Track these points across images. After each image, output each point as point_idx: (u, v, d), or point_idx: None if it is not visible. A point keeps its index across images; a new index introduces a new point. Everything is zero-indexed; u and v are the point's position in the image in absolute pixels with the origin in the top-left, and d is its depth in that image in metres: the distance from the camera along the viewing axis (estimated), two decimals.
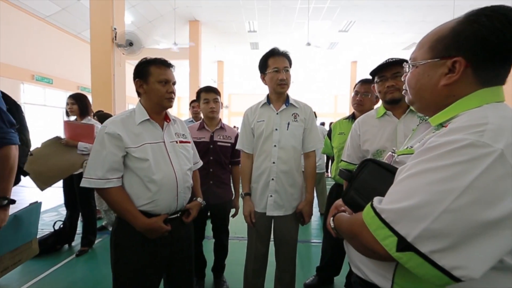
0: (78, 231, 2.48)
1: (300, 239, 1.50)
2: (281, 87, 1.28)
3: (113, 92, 4.31)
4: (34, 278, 1.91)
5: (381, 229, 0.42)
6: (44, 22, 7.58)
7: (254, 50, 10.96)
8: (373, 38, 9.43)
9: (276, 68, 1.26)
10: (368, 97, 1.62)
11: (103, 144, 0.90)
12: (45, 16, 7.52)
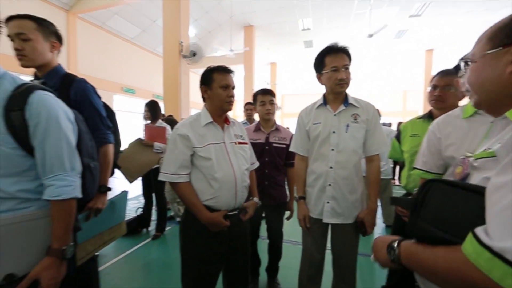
0: (152, 218, 2.94)
1: (361, 251, 1.39)
2: (340, 86, 1.19)
3: (179, 98, 4.93)
4: (122, 253, 2.37)
5: (510, 277, 0.32)
6: (129, 43, 9.28)
7: (308, 49, 10.69)
8: (457, 20, 7.88)
9: (334, 67, 1.17)
10: (451, 92, 1.31)
11: (176, 144, 1.05)
12: (130, 38, 9.20)
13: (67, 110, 0.81)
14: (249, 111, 3.13)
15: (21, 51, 1.00)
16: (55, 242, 0.73)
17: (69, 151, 0.78)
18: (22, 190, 0.72)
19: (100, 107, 1.19)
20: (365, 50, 10.41)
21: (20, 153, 0.71)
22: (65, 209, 0.74)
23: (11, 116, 0.69)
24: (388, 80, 14.97)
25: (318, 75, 1.29)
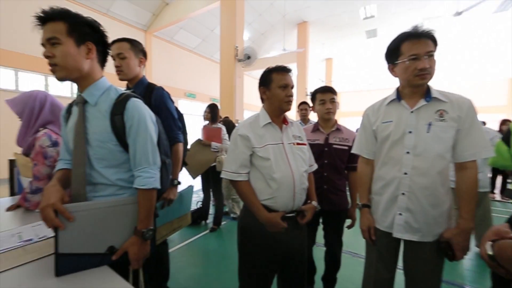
0: (210, 212, 3.22)
1: (446, 278, 1.17)
2: (420, 78, 0.99)
3: (234, 100, 5.25)
4: (185, 241, 2.69)
5: None
6: (191, 52, 10.38)
7: (371, 39, 9.76)
8: None
9: (414, 55, 0.98)
10: None
11: (236, 144, 1.12)
12: (192, 48, 10.28)
13: (151, 114, 0.99)
14: (303, 111, 3.06)
15: (119, 68, 1.28)
16: (139, 224, 0.86)
17: (152, 148, 0.91)
18: (120, 179, 0.90)
19: (173, 110, 1.40)
20: (449, 33, 8.77)
21: (119, 149, 0.89)
22: (148, 197, 0.88)
23: (115, 119, 0.86)
24: (484, 67, 12.01)
25: (390, 66, 1.11)
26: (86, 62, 0.85)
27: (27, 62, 5.85)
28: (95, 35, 0.87)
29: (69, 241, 0.75)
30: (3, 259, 0.83)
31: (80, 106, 0.89)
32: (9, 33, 5.59)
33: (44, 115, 1.36)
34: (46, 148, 1.28)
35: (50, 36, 0.79)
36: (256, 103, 14.47)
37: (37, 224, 1.14)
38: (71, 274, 0.75)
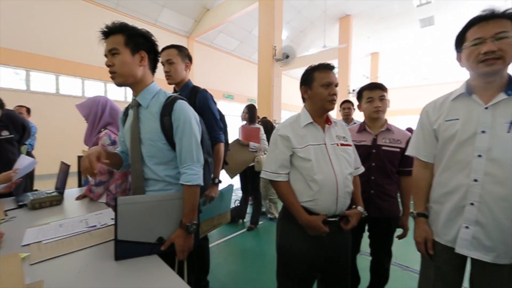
0: (247, 211, 3.28)
1: None
2: (486, 64, 0.84)
3: (272, 101, 5.27)
4: (223, 238, 2.79)
5: None
6: (229, 55, 10.77)
7: (426, 28, 8.77)
8: None
9: (478, 39, 0.85)
10: None
11: (276, 144, 1.11)
12: (230, 50, 10.66)
13: (195, 115, 1.06)
14: (346, 111, 2.90)
15: (168, 73, 1.40)
16: (184, 218, 0.93)
17: (196, 147, 0.97)
18: (168, 175, 0.99)
19: (216, 111, 1.47)
20: None
21: (168, 147, 0.97)
22: (192, 193, 0.94)
23: (163, 119, 0.95)
24: None
25: (458, 56, 0.98)
26: (139, 69, 0.95)
27: (91, 72, 6.82)
28: (147, 44, 0.97)
29: (126, 229, 0.84)
30: (74, 241, 0.97)
31: (134, 109, 0.99)
32: (77, 47, 6.60)
33: (105, 117, 1.56)
34: (106, 146, 1.47)
35: (111, 47, 0.91)
36: (293, 103, 14.29)
37: (99, 212, 1.31)
38: (127, 259, 0.83)
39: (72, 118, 6.22)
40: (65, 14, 6.37)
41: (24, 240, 0.97)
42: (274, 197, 3.32)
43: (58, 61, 6.31)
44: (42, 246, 0.92)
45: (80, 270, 0.77)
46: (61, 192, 1.58)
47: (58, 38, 6.30)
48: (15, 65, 5.76)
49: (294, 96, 14.11)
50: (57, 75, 6.49)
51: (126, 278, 0.74)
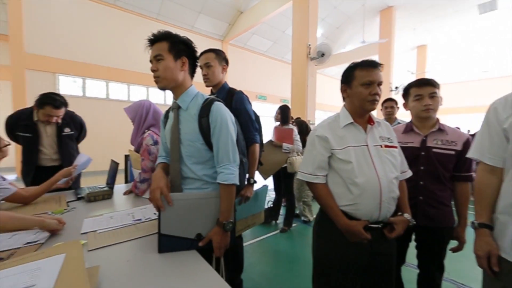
0: (280, 213, 3.26)
1: None
2: None
3: (306, 101, 5.15)
4: (256, 238, 2.81)
5: None
6: (262, 56, 10.86)
7: (486, 14, 7.72)
8: None
9: None
10: None
11: (314, 145, 1.09)
12: (263, 51, 10.75)
13: (231, 116, 1.09)
14: (388, 110, 2.69)
15: (206, 76, 1.47)
16: (221, 216, 0.95)
17: (232, 147, 1.00)
18: (205, 175, 1.04)
19: (251, 112, 1.50)
20: None
21: (205, 147, 1.01)
22: (228, 192, 0.96)
23: (201, 121, 0.99)
24: None
25: None
26: (180, 73, 1.01)
27: (135, 77, 7.51)
28: (188, 51, 1.03)
29: (168, 224, 0.89)
30: (123, 232, 1.06)
31: (175, 111, 1.06)
32: (123, 55, 7.32)
33: (149, 120, 1.70)
34: (150, 146, 1.59)
35: (156, 53, 0.98)
36: (329, 102, 13.82)
37: (144, 207, 1.42)
38: (169, 253, 0.88)
39: (120, 120, 6.93)
40: (113, 26, 7.13)
41: (82, 228, 1.10)
42: (308, 199, 3.24)
43: (108, 69, 7.09)
44: (97, 235, 1.03)
45: (129, 259, 0.84)
46: (111, 187, 1.76)
47: (108, 48, 7.08)
48: (74, 74, 6.63)
49: (329, 96, 13.65)
50: (107, 82, 7.29)
51: (169, 270, 0.79)
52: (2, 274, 0.56)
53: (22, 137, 1.95)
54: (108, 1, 6.93)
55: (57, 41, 6.27)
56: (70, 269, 0.58)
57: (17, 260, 0.62)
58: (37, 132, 1.98)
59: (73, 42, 6.50)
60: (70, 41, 6.45)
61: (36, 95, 1.98)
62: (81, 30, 6.61)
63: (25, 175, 2.02)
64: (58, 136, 2.08)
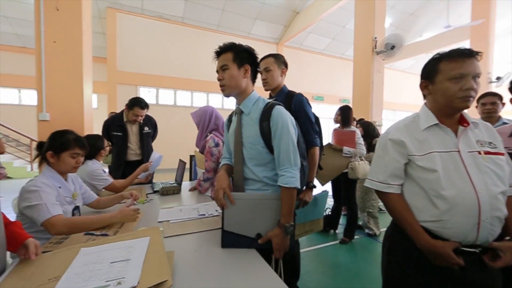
0: (340, 222, 3.07)
1: None
2: None
3: (371, 99, 4.73)
4: (313, 246, 2.72)
5: None
6: (319, 54, 10.54)
7: None
8: None
9: None
10: None
11: (386, 150, 0.97)
12: (320, 50, 10.42)
13: (292, 119, 1.11)
14: (488, 107, 2.09)
15: (265, 80, 1.53)
16: (282, 218, 0.97)
17: (293, 150, 1.01)
18: (266, 177, 1.09)
19: (311, 115, 1.48)
20: None
21: (266, 150, 1.05)
22: (289, 195, 0.97)
23: (263, 125, 1.04)
24: None
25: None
26: (244, 80, 1.09)
27: (198, 85, 8.37)
28: (250, 58, 1.10)
29: (230, 222, 0.96)
30: (190, 225, 1.20)
31: (238, 115, 1.14)
32: (188, 65, 8.23)
33: (211, 125, 1.89)
34: (212, 148, 1.75)
35: (222, 64, 1.08)
36: (398, 100, 12.36)
37: (206, 204, 1.56)
38: (231, 248, 0.95)
39: (185, 124, 7.82)
40: (180, 41, 8.15)
41: (159, 217, 1.29)
42: (373, 210, 2.95)
43: (176, 79, 8.13)
44: (170, 225, 1.19)
45: (196, 249, 0.94)
46: (179, 184, 2.00)
47: (176, 61, 8.13)
48: (150, 85, 7.84)
49: (400, 93, 12.21)
50: (175, 90, 8.35)
51: (230, 264, 0.85)
52: (108, 247, 0.72)
53: (115, 135, 2.46)
54: (177, 20, 7.97)
55: (138, 59, 7.61)
56: (154, 250, 0.70)
57: (117, 238, 0.78)
58: (126, 131, 2.49)
59: (149, 59, 7.75)
60: (147, 58, 7.72)
61: (124, 104, 2.45)
62: (155, 48, 7.82)
63: (115, 168, 2.50)
64: (140, 133, 2.57)
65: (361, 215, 3.03)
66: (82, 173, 1.64)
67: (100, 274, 0.58)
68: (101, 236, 1.05)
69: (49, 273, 0.62)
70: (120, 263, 0.62)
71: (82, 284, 0.55)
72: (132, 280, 0.54)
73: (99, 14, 7.26)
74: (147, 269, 0.59)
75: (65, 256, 0.70)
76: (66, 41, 3.13)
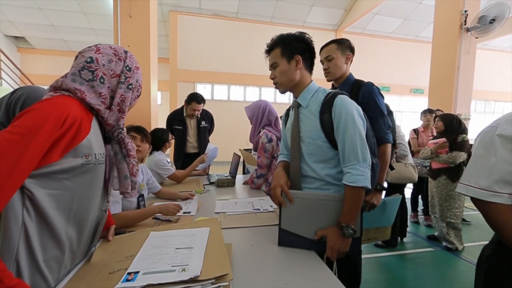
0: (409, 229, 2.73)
1: None
2: None
3: (455, 88, 3.99)
4: (373, 253, 2.48)
5: None
6: (386, 38, 9.47)
7: None
8: None
9: None
10: None
11: (492, 148, 0.78)
12: (387, 33, 9.34)
13: (359, 109, 0.98)
14: None
15: (327, 70, 1.41)
16: (341, 217, 0.90)
17: (361, 143, 0.92)
18: (328, 175, 1.00)
19: (383, 107, 1.32)
20: None
21: (327, 145, 0.98)
22: (355, 195, 0.89)
23: (323, 117, 0.97)
24: None
25: None
26: (296, 73, 1.03)
27: (250, 79, 8.59)
28: (301, 46, 1.02)
29: (288, 220, 0.93)
30: (246, 218, 1.22)
31: (295, 109, 1.08)
32: (241, 60, 8.48)
33: (264, 120, 1.88)
34: (265, 144, 1.75)
35: (272, 62, 1.05)
36: (491, 87, 10.25)
37: (260, 198, 1.57)
38: (288, 248, 0.92)
39: (238, 118, 8.13)
40: (233, 36, 8.44)
41: (216, 208, 1.36)
42: (456, 220, 2.51)
43: (229, 74, 8.49)
44: (227, 216, 1.23)
45: (252, 244, 0.95)
46: (234, 177, 2.07)
47: (230, 56, 8.47)
48: (205, 82, 8.39)
49: (493, 79, 10.09)
50: (229, 85, 8.73)
51: (287, 263, 0.82)
52: (173, 233, 0.78)
53: (176, 129, 2.72)
54: (231, 16, 8.26)
55: (195, 57, 8.20)
56: (214, 241, 0.72)
57: (179, 225, 0.84)
58: (185, 125, 2.73)
59: (205, 56, 8.28)
60: (203, 55, 8.26)
61: (182, 99, 2.67)
62: (211, 45, 8.30)
63: (176, 159, 2.78)
64: (197, 127, 2.79)
65: (436, 224, 2.62)
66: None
67: (167, 258, 0.63)
68: (165, 221, 1.18)
69: (126, 252, 0.71)
70: (184, 250, 0.67)
71: (152, 265, 0.60)
72: (195, 269, 0.56)
73: (163, 18, 8.08)
74: (208, 259, 0.62)
75: (138, 238, 0.79)
76: (137, 45, 3.59)
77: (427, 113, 3.22)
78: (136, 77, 0.76)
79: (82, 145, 0.60)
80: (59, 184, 0.57)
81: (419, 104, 9.35)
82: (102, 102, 0.67)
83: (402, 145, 2.43)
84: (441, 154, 2.45)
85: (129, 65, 0.73)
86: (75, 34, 8.59)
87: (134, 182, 0.77)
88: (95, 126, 0.67)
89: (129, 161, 0.75)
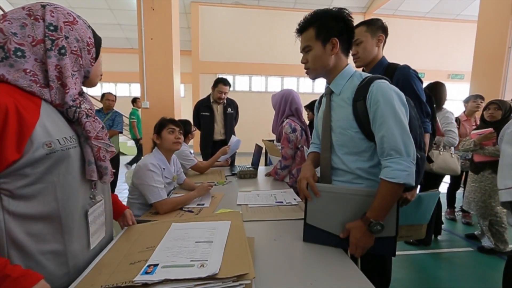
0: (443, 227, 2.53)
1: None
2: None
3: (503, 72, 3.55)
4: (404, 250, 2.31)
5: None
6: (420, 19, 8.70)
7: None
8: None
9: None
10: None
11: None
12: (423, 14, 8.57)
13: (401, 94, 0.87)
14: None
15: (356, 55, 1.30)
16: (369, 211, 0.80)
17: (403, 134, 0.81)
18: (359, 168, 0.90)
19: (422, 92, 1.19)
20: None
21: (360, 136, 0.89)
22: (391, 191, 0.79)
23: (357, 105, 0.87)
24: None
25: None
26: (331, 58, 0.92)
27: (272, 69, 8.43)
28: (338, 27, 0.90)
29: (313, 215, 0.88)
30: (268, 211, 1.18)
31: (327, 96, 0.99)
32: (262, 50, 8.30)
33: (287, 110, 1.80)
34: (288, 134, 1.68)
35: (304, 46, 0.94)
36: None
37: (283, 191, 1.52)
38: (314, 244, 0.87)
39: (259, 109, 8.07)
40: (255, 25, 8.25)
41: (237, 200, 1.34)
42: (501, 219, 2.27)
43: (251, 64, 8.39)
44: (249, 209, 1.21)
45: (276, 238, 0.91)
46: (256, 168, 2.04)
47: (251, 46, 8.33)
48: (227, 73, 8.37)
49: None
50: (250, 76, 8.64)
51: (313, 261, 0.78)
52: (194, 225, 0.77)
53: (204, 116, 2.79)
54: (252, 4, 8.08)
55: (217, 48, 8.20)
56: (235, 236, 0.69)
57: (200, 217, 0.82)
58: (212, 111, 2.80)
59: (227, 47, 8.22)
60: (225, 46, 8.21)
61: (204, 91, 2.68)
62: (232, 36, 8.21)
63: (204, 147, 2.83)
64: (224, 113, 2.84)
65: (480, 222, 2.39)
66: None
67: (186, 252, 0.61)
68: (187, 212, 1.18)
69: (147, 242, 0.71)
70: (203, 244, 0.65)
71: (172, 259, 0.59)
72: (214, 266, 0.54)
73: (184, 10, 8.13)
74: (228, 255, 0.59)
75: (160, 228, 0.79)
76: (160, 38, 3.65)
77: (478, 98, 2.82)
78: (72, 34, 0.60)
79: (37, 134, 0.54)
80: (33, 179, 0.54)
81: (458, 91, 8.56)
82: (33, 81, 0.56)
83: (452, 132, 2.23)
84: (487, 146, 2.21)
85: (52, 22, 0.57)
86: (103, 31, 9.01)
87: (104, 168, 0.68)
88: (48, 109, 0.59)
89: (91, 144, 0.65)
